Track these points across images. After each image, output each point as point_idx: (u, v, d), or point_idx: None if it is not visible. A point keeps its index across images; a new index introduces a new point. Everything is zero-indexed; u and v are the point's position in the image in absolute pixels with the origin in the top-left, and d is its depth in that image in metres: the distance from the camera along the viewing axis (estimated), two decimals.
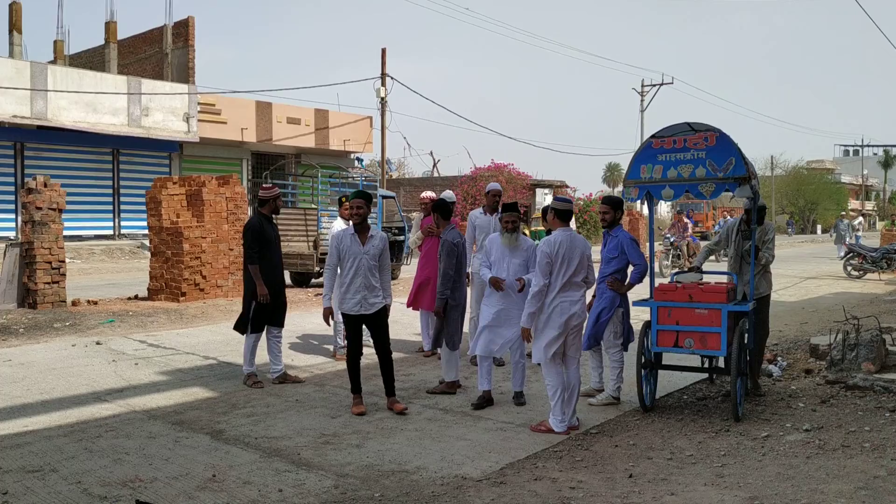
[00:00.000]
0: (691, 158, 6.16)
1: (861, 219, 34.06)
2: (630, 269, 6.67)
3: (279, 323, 7.46)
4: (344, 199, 8.64)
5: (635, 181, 6.40)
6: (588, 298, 6.26)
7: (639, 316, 8.03)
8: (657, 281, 6.73)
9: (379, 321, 6.45)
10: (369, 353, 9.08)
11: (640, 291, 7.12)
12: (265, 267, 7.26)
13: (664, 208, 55.23)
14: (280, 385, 7.29)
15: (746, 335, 6.41)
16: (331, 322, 6.77)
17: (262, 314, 7.31)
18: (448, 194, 8.97)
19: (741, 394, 6.18)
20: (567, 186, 40.89)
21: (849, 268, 19.80)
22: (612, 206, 6.85)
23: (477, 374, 6.80)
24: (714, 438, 5.61)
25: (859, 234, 31.04)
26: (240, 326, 7.43)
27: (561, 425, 5.72)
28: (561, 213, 6.00)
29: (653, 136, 6.38)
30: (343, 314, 6.55)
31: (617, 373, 6.61)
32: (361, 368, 8.16)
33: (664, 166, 6.27)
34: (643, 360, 6.33)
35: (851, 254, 19.86)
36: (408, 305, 8.94)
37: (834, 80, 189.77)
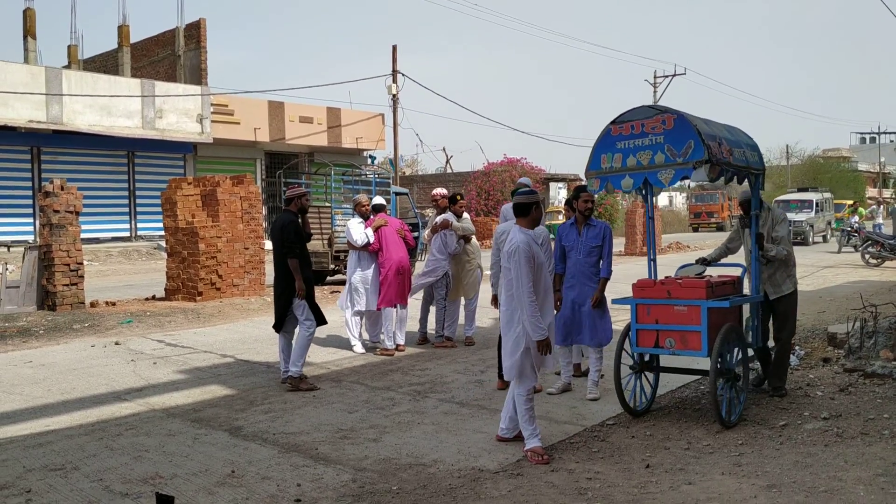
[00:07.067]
0: (649, 144, 5.65)
1: (880, 206, 33.59)
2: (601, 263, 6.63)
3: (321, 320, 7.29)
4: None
5: (596, 172, 5.89)
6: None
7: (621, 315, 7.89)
8: None
9: None
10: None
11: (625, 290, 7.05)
12: (303, 263, 7.15)
13: (679, 200, 54.48)
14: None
15: (751, 333, 6.19)
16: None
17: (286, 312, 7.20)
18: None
19: (727, 398, 5.62)
20: (581, 179, 40.75)
21: (867, 256, 19.65)
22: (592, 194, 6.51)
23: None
24: (731, 428, 5.59)
25: (880, 221, 30.63)
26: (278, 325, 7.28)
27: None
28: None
29: (612, 123, 5.87)
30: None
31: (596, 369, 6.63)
32: (378, 363, 8.21)
33: (623, 154, 5.76)
34: (631, 363, 6.00)
35: (869, 241, 19.70)
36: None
37: (849, 67, 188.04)
